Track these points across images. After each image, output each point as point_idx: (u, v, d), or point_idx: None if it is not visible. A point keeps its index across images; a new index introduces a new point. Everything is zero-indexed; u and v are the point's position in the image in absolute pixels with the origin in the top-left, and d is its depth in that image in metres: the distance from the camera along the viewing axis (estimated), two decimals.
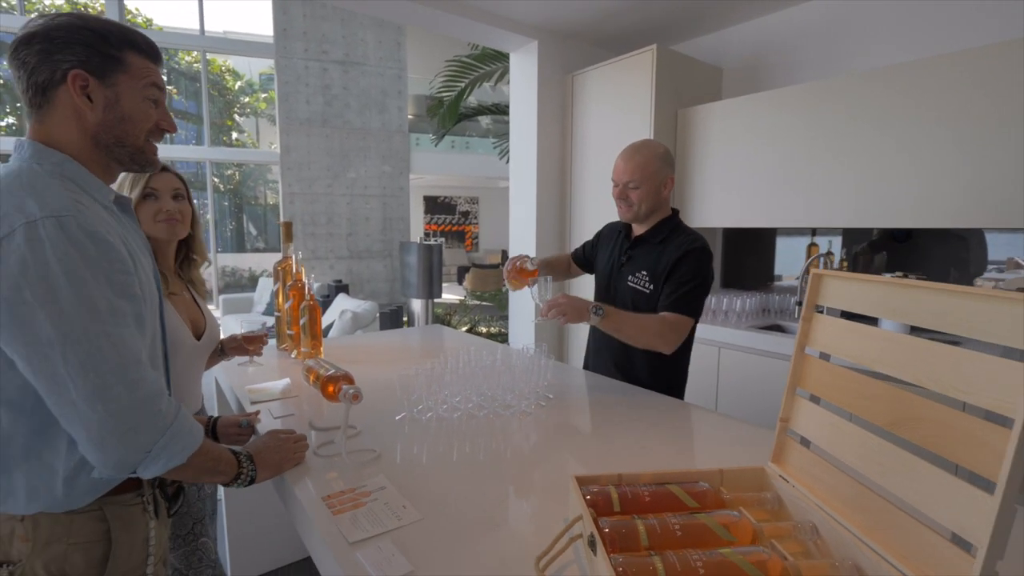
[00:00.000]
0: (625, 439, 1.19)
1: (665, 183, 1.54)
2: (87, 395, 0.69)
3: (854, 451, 0.72)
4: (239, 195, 12.86)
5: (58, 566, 0.77)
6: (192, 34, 9.13)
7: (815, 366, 0.82)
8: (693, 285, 1.47)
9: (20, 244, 0.67)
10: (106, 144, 0.82)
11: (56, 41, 0.76)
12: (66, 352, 0.68)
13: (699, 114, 2.70)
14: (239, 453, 0.93)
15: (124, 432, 0.71)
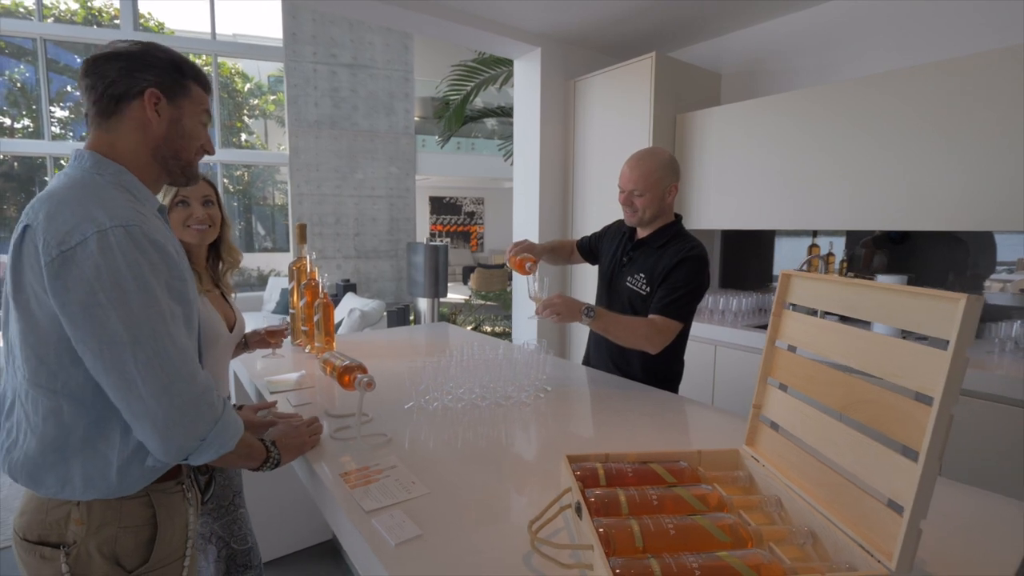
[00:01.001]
0: (616, 426, 1.29)
1: (669, 191, 1.61)
2: (154, 391, 0.76)
3: (814, 433, 0.81)
4: (248, 196, 13.03)
5: (110, 548, 0.84)
6: (204, 38, 9.29)
7: (784, 357, 0.91)
8: (685, 291, 1.54)
9: (93, 251, 0.74)
10: (163, 156, 0.91)
11: (138, 61, 0.86)
12: (135, 351, 0.75)
13: (697, 119, 2.78)
14: (264, 440, 1.02)
15: (186, 423, 0.78)
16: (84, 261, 0.74)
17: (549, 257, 1.98)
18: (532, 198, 3.23)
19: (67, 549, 0.83)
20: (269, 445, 1.02)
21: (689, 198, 2.86)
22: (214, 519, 1.37)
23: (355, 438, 1.16)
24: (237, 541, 1.39)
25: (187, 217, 1.36)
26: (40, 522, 0.84)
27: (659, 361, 1.62)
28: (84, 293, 0.74)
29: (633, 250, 1.71)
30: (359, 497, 0.93)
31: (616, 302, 1.72)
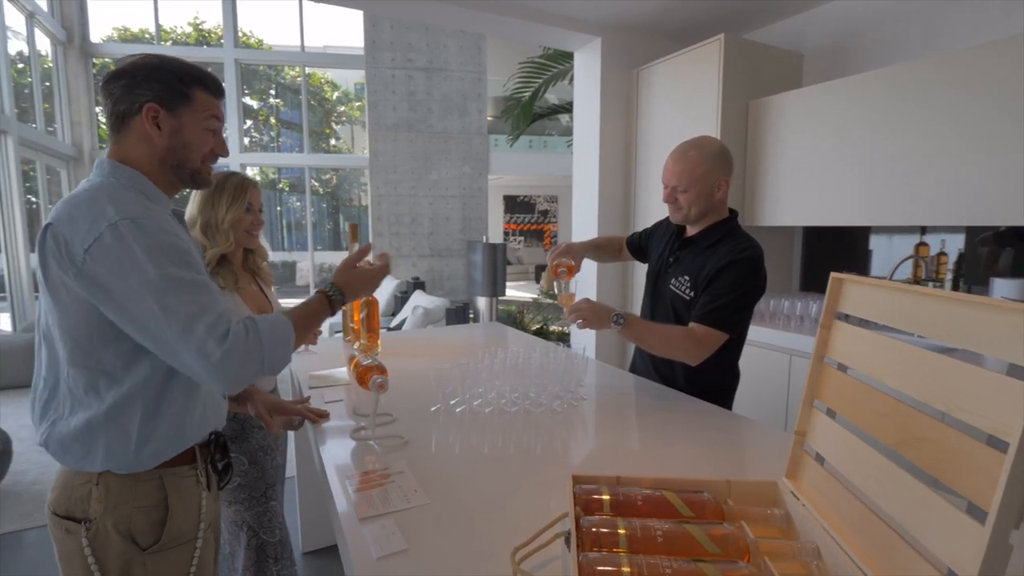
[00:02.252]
0: (649, 443, 1.17)
1: (718, 185, 1.44)
2: (193, 356, 0.81)
3: (862, 471, 0.67)
4: (336, 197, 13.86)
5: (125, 526, 0.89)
6: (295, 51, 9.96)
7: (832, 377, 0.77)
8: (731, 298, 1.38)
9: (110, 244, 0.81)
10: (170, 165, 0.95)
11: (138, 78, 0.90)
12: (168, 322, 0.81)
13: (773, 104, 2.53)
14: (326, 290, 1.06)
15: (234, 372, 0.83)
16: (106, 255, 0.81)
17: (594, 254, 1.87)
18: (591, 194, 3.11)
19: (88, 525, 0.89)
20: (331, 291, 1.06)
21: (762, 192, 2.61)
22: (246, 508, 1.42)
23: (370, 439, 1.14)
24: (267, 532, 1.43)
25: (252, 222, 1.45)
26: (67, 498, 0.90)
27: (705, 371, 1.47)
28: (117, 280, 0.81)
29: (680, 249, 1.56)
30: (358, 502, 0.90)
31: (660, 306, 1.59)
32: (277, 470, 1.51)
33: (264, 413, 1.26)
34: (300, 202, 11.98)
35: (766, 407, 2.43)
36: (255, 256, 1.59)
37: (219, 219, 1.42)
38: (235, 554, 1.44)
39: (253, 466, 1.44)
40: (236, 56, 9.20)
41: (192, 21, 10.80)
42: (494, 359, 1.49)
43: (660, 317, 1.58)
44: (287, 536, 1.52)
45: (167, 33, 10.15)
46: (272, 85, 12.16)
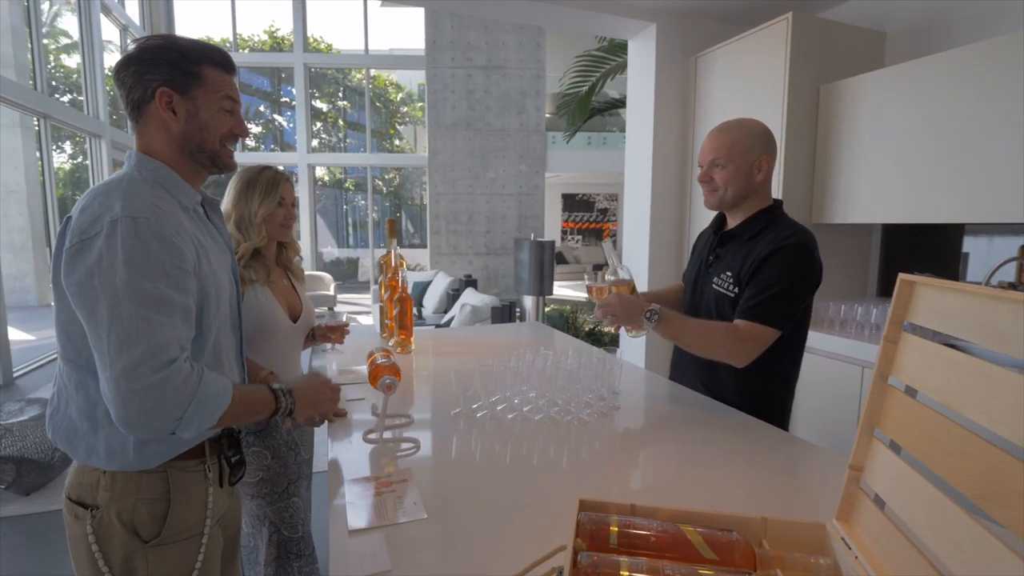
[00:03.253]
0: (682, 464, 1.05)
1: (758, 165, 1.30)
2: (117, 374, 0.76)
3: (931, 524, 0.53)
4: (398, 196, 14.26)
5: (128, 516, 0.88)
6: (359, 54, 10.29)
7: (898, 403, 0.63)
8: (779, 289, 1.22)
9: (101, 240, 0.79)
10: (189, 150, 0.93)
11: (146, 62, 0.88)
12: (111, 331, 0.77)
13: (848, 88, 2.27)
14: (278, 389, 0.97)
15: (148, 410, 0.77)
16: (92, 248, 0.79)
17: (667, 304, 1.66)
18: (643, 190, 2.94)
19: (94, 512, 0.89)
20: (282, 395, 0.97)
21: (834, 186, 2.36)
22: (268, 503, 1.41)
23: (378, 442, 1.09)
24: (288, 528, 1.42)
25: (285, 216, 1.45)
26: (79, 483, 0.91)
27: (756, 382, 1.32)
28: (85, 276, 0.79)
29: (719, 246, 1.41)
30: (352, 512, 0.85)
31: (701, 308, 1.44)
32: (301, 466, 1.50)
33: None
34: (364, 200, 12.39)
35: (831, 427, 2.19)
36: (288, 251, 1.60)
37: (252, 213, 1.42)
38: (257, 548, 1.44)
39: (276, 461, 1.44)
40: (305, 60, 9.63)
41: (268, 29, 11.42)
42: (521, 361, 1.41)
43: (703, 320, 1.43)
44: (309, 533, 1.51)
45: (244, 41, 10.79)
46: (340, 88, 12.67)
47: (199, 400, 0.81)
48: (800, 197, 2.41)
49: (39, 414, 2.74)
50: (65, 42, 8.11)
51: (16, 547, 2.31)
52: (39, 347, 5.89)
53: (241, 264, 1.41)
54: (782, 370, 1.35)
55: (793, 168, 2.36)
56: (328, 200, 13.71)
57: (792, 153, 2.35)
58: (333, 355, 1.88)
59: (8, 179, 7.65)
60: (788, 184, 2.35)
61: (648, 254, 2.91)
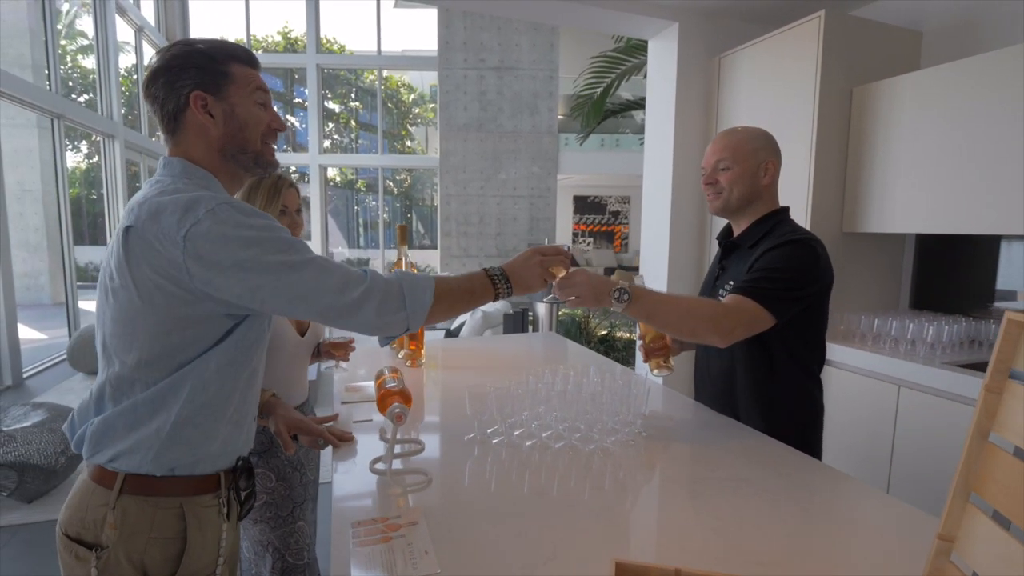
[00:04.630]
0: (723, 506, 0.95)
1: (763, 167, 1.27)
2: (332, 310, 0.82)
3: None
4: (409, 197, 14.23)
5: (138, 557, 0.82)
6: (372, 55, 10.27)
7: (1003, 465, 0.53)
8: (777, 275, 1.16)
9: (208, 225, 0.77)
10: (231, 153, 0.89)
11: (174, 70, 0.85)
12: (302, 276, 0.80)
13: (883, 90, 2.16)
14: (494, 275, 0.98)
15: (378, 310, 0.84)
16: (206, 236, 0.77)
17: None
18: (663, 195, 2.84)
19: (99, 553, 0.82)
20: (499, 281, 0.98)
21: (866, 193, 2.24)
22: (271, 528, 1.33)
23: (386, 474, 1.00)
24: (293, 555, 1.34)
25: (290, 225, 1.38)
26: (80, 519, 0.83)
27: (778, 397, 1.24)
28: (226, 256, 0.77)
29: (725, 257, 1.37)
30: (356, 562, 0.76)
31: None
32: (307, 487, 1.43)
33: (283, 431, 1.17)
34: (376, 201, 12.39)
35: (864, 449, 2.07)
36: None
37: None
38: (260, 575, 1.36)
39: (281, 483, 1.36)
40: (317, 61, 9.62)
41: (281, 30, 11.45)
42: (540, 381, 1.32)
43: None
44: (315, 559, 1.43)
45: (258, 42, 10.81)
46: (352, 89, 12.67)
47: (408, 287, 0.86)
48: (830, 205, 2.29)
49: (44, 419, 2.70)
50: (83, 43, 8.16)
51: (18, 556, 2.26)
52: (51, 346, 5.91)
53: None
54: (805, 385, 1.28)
55: (823, 174, 2.24)
56: (339, 201, 13.71)
57: (823, 159, 2.23)
58: (339, 369, 1.80)
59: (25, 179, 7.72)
60: (818, 191, 2.24)
61: (667, 261, 2.80)
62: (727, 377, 1.34)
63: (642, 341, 1.46)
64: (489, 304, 4.78)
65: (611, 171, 9.98)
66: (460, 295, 0.94)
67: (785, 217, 1.31)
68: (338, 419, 1.32)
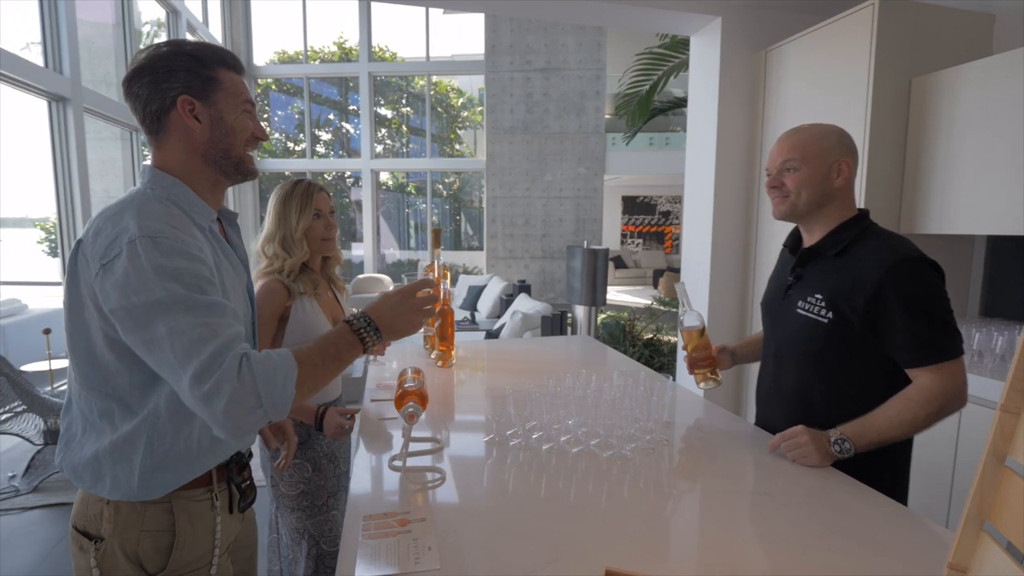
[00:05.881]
0: (738, 522, 0.91)
1: (836, 167, 1.14)
2: (189, 382, 0.73)
3: None
4: (457, 200, 14.46)
5: (132, 549, 0.85)
6: (421, 61, 10.52)
7: (1019, 493, 0.48)
8: (936, 320, 1.05)
9: (124, 260, 0.76)
10: (213, 159, 0.88)
11: (160, 71, 0.84)
12: (174, 343, 0.74)
13: (947, 80, 2.00)
14: (354, 322, 0.87)
15: (227, 409, 0.74)
16: (117, 269, 0.76)
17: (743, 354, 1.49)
18: (705, 196, 2.75)
19: (98, 544, 0.85)
20: (365, 332, 0.87)
21: (927, 191, 2.08)
22: (307, 516, 1.40)
23: (402, 470, 1.03)
24: (327, 542, 1.40)
25: (325, 227, 1.45)
26: (83, 513, 0.88)
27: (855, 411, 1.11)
28: (119, 298, 0.76)
29: (801, 265, 1.23)
30: (363, 554, 0.79)
31: (784, 339, 1.25)
32: (340, 478, 1.49)
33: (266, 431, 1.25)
34: (425, 204, 12.65)
35: (922, 471, 1.92)
36: (330, 263, 1.59)
37: (292, 230, 1.42)
38: (296, 560, 1.43)
39: (316, 473, 1.43)
40: (369, 69, 9.95)
41: (337, 41, 11.91)
42: (561, 385, 1.32)
43: (788, 354, 1.24)
44: None
45: (315, 53, 11.30)
46: (404, 95, 13.00)
47: (263, 381, 0.75)
48: (887, 205, 2.15)
49: None
50: None
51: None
52: None
53: (290, 278, 1.42)
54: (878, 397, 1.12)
55: (878, 172, 2.11)
56: (391, 204, 14.11)
57: (877, 155, 2.10)
58: (374, 367, 1.86)
59: (110, 186, 8.42)
60: (872, 190, 2.10)
61: (709, 266, 2.71)
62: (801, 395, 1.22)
63: (686, 352, 1.40)
64: (527, 305, 4.78)
65: (660, 171, 9.74)
66: (326, 366, 0.84)
67: (871, 223, 1.19)
68: (360, 415, 1.37)
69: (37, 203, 4.50)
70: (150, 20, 7.14)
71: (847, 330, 1.11)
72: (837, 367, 1.16)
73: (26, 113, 4.54)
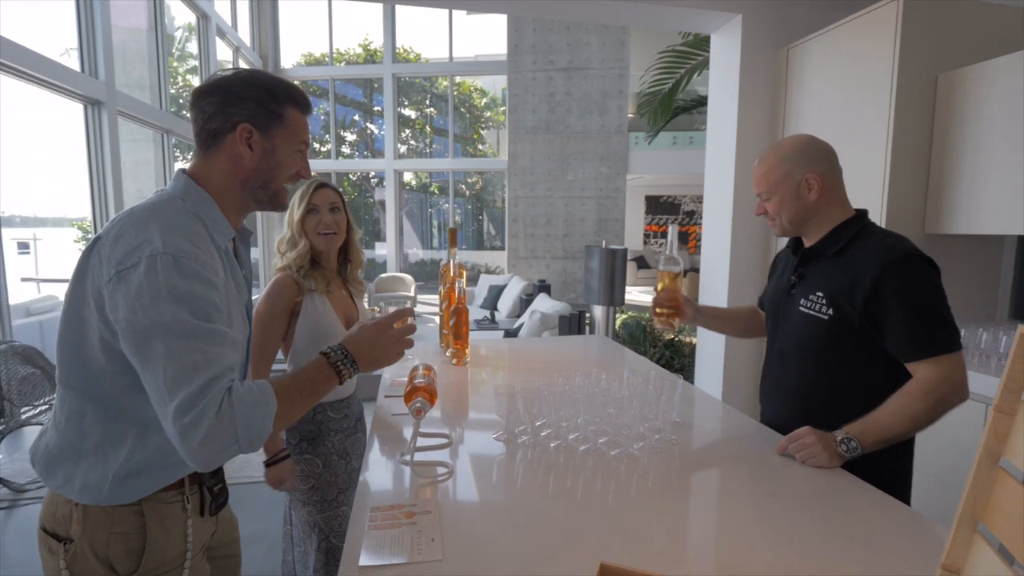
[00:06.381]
0: (741, 522, 0.91)
1: (803, 184, 1.20)
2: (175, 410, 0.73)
3: None
4: (480, 199, 14.53)
5: (102, 551, 0.84)
6: (444, 62, 10.60)
7: (1010, 495, 0.48)
8: (933, 314, 1.07)
9: (141, 272, 0.76)
10: (251, 187, 0.91)
11: (232, 95, 0.87)
12: (167, 366, 0.74)
13: (975, 75, 1.94)
14: (331, 355, 0.89)
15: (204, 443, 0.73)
16: (132, 281, 0.76)
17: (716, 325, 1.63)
18: (725, 197, 2.72)
19: (67, 546, 0.85)
20: (341, 364, 0.89)
21: (953, 190, 2.03)
22: (318, 511, 1.44)
23: (408, 465, 1.06)
24: (337, 537, 1.44)
25: (316, 223, 1.47)
26: (52, 515, 0.87)
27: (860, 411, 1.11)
28: (127, 311, 0.76)
29: (802, 265, 1.27)
30: (368, 543, 0.82)
31: (788, 337, 1.28)
32: (352, 475, 1.52)
33: None
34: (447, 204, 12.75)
35: (946, 477, 1.88)
36: (351, 265, 1.61)
37: (294, 222, 1.46)
38: (307, 554, 1.47)
39: (327, 469, 1.46)
40: (393, 71, 10.07)
41: (362, 43, 12.09)
42: (570, 383, 1.33)
43: (791, 351, 1.28)
44: None
45: (341, 55, 11.49)
46: (427, 96, 13.13)
47: (242, 418, 0.76)
48: (912, 205, 2.10)
49: None
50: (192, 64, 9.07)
51: None
52: None
53: (300, 274, 1.45)
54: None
55: (901, 171, 2.06)
56: (414, 203, 14.26)
57: (901, 154, 2.05)
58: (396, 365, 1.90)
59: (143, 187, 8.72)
60: (895, 189, 2.06)
61: (728, 265, 2.68)
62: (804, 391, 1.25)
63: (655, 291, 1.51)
64: (546, 305, 4.78)
65: (684, 170, 9.62)
66: (303, 400, 0.86)
67: (868, 222, 1.23)
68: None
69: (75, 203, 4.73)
70: (182, 25, 7.37)
71: (847, 326, 1.15)
72: (838, 363, 1.19)
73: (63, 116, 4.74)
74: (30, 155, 4.89)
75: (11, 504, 2.70)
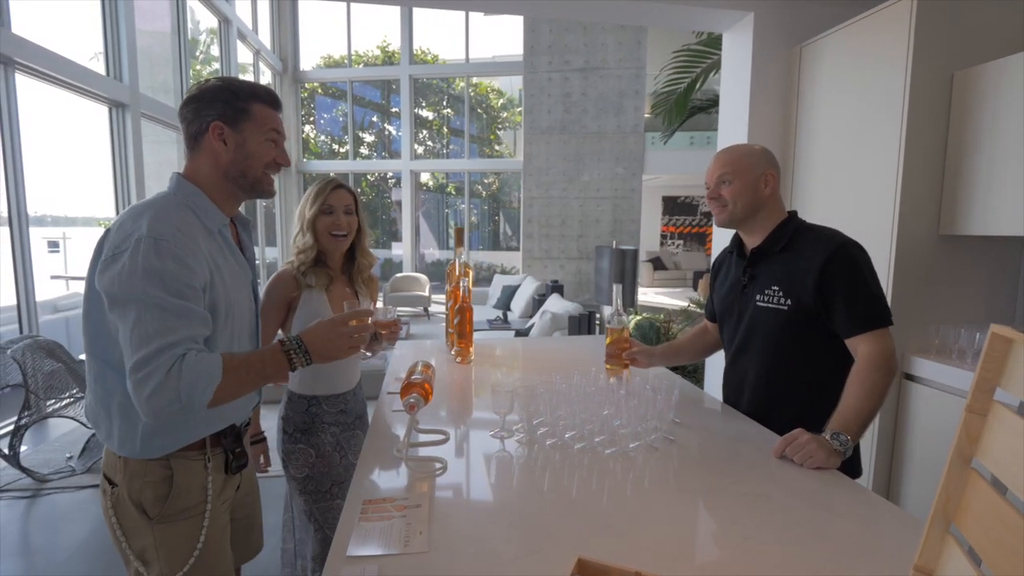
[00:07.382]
0: (732, 521, 0.91)
1: (763, 178, 1.34)
2: (131, 366, 0.88)
3: None
4: (496, 200, 14.56)
5: (136, 496, 1.00)
6: (460, 63, 10.66)
7: (980, 497, 0.48)
8: (869, 291, 1.23)
9: (127, 254, 0.90)
10: (232, 177, 1.04)
11: (204, 100, 1.01)
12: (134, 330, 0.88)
13: (992, 73, 1.89)
14: (286, 343, 1.01)
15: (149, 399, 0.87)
16: (120, 261, 0.90)
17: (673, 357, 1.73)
18: None
19: (114, 489, 1.02)
20: (294, 352, 1.00)
21: (969, 190, 1.98)
22: (313, 500, 1.46)
23: (402, 459, 1.08)
24: (331, 529, 1.46)
25: (329, 224, 1.50)
26: (108, 462, 1.04)
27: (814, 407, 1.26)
28: (109, 283, 0.90)
29: (752, 265, 1.39)
30: (357, 535, 0.84)
31: (748, 331, 1.39)
32: (348, 469, 1.54)
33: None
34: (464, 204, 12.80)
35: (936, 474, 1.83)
36: (360, 265, 1.62)
37: (305, 218, 1.49)
38: (305, 541, 1.50)
39: (320, 460, 1.49)
40: (410, 72, 10.16)
41: (380, 45, 12.21)
42: (568, 383, 1.34)
43: (755, 345, 1.38)
44: None
45: (359, 57, 11.62)
46: (444, 97, 13.20)
47: (187, 381, 0.88)
48: (924, 204, 2.05)
49: None
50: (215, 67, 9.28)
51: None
52: None
53: (301, 270, 1.49)
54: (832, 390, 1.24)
55: (915, 170, 2.01)
56: (431, 204, 14.36)
57: (914, 152, 2.00)
58: (396, 361, 1.92)
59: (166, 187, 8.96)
60: (908, 189, 2.01)
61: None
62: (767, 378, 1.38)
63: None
64: (558, 305, 4.78)
65: (701, 170, 9.40)
66: (250, 379, 0.97)
67: (801, 221, 1.38)
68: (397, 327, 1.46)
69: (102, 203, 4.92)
70: (204, 29, 7.54)
71: (805, 313, 1.28)
72: (796, 350, 1.32)
73: (90, 119, 4.89)
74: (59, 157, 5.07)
75: (35, 493, 2.80)
